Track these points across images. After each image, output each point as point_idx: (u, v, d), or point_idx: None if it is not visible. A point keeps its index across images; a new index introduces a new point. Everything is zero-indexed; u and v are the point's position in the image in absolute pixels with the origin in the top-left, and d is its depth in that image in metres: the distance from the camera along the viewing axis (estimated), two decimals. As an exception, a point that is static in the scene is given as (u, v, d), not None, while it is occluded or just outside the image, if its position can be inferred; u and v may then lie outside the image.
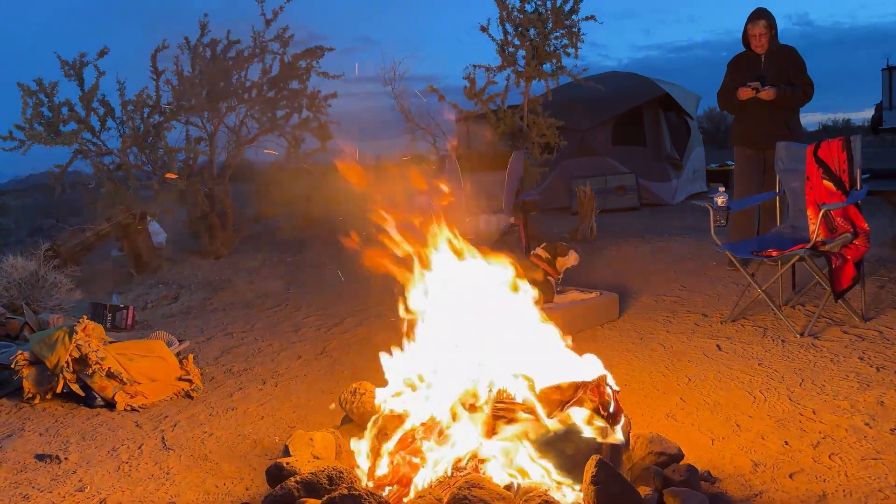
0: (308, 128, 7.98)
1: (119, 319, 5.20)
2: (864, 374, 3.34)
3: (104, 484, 2.77)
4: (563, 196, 9.76)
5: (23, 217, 12.38)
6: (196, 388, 3.80)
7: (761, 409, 3.06)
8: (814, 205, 4.29)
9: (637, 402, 3.22)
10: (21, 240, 9.32)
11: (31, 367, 3.68)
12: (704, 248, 6.32)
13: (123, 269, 7.35)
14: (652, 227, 8.01)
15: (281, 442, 2.94)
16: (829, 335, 3.94)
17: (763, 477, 2.47)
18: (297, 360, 4.28)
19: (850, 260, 3.98)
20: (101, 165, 7.33)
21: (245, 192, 9.72)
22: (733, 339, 4.02)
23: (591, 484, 1.96)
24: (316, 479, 2.13)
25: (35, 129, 6.70)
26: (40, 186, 12.48)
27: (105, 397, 3.60)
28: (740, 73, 5.31)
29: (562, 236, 7.43)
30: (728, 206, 4.43)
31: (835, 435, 2.74)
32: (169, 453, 3.04)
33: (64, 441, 3.22)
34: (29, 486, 2.78)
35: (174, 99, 7.41)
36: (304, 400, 3.61)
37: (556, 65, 7.40)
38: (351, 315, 5.13)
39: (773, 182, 4.74)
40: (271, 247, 8.03)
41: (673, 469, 2.30)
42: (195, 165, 7.73)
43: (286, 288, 6.26)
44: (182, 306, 5.95)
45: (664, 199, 10.17)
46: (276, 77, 7.73)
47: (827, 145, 4.31)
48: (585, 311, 4.49)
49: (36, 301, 5.25)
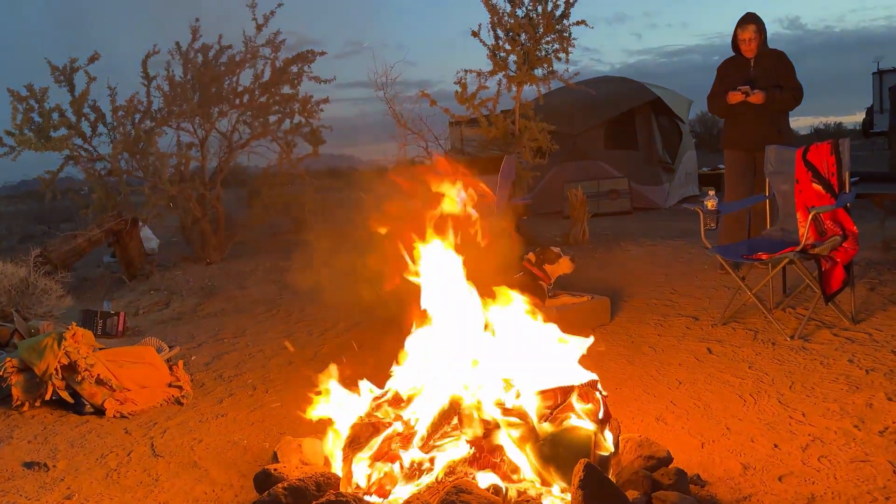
0: (300, 132, 7.98)
1: (110, 326, 5.18)
2: (854, 376, 3.35)
3: (92, 491, 2.75)
4: (556, 200, 9.77)
5: (14, 223, 12.34)
6: (186, 394, 3.79)
7: (751, 412, 3.06)
8: (803, 208, 4.31)
9: (627, 406, 3.22)
10: (12, 246, 9.27)
11: (20, 374, 3.66)
12: (696, 252, 6.34)
13: (115, 275, 7.32)
14: (644, 231, 8.03)
15: (271, 448, 2.93)
16: (820, 338, 3.95)
17: (752, 480, 2.48)
18: (288, 365, 4.27)
19: (840, 263, 4.00)
20: (92, 171, 7.32)
21: (237, 198, 9.71)
22: (724, 343, 4.03)
23: (579, 488, 1.96)
24: (303, 485, 2.13)
25: (25, 135, 6.69)
26: (32, 193, 12.45)
27: (94, 404, 3.58)
28: (730, 77, 5.33)
29: (554, 240, 7.44)
30: (718, 209, 4.44)
31: (824, 437, 2.75)
32: (158, 460, 3.03)
33: (52, 448, 3.20)
34: (17, 493, 2.76)
35: (165, 104, 7.40)
36: (294, 406, 3.59)
37: (547, 69, 7.42)
38: (343, 320, 5.12)
39: (763, 185, 4.76)
40: (263, 252, 8.00)
41: (662, 473, 2.30)
42: (187, 171, 7.72)
43: (278, 293, 6.24)
44: (173, 312, 5.93)
45: (656, 203, 10.20)
46: (267, 82, 7.73)
47: (816, 149, 4.33)
48: (576, 315, 4.49)
49: (26, 308, 5.22)
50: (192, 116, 7.52)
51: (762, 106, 5.15)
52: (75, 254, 6.97)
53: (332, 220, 7.65)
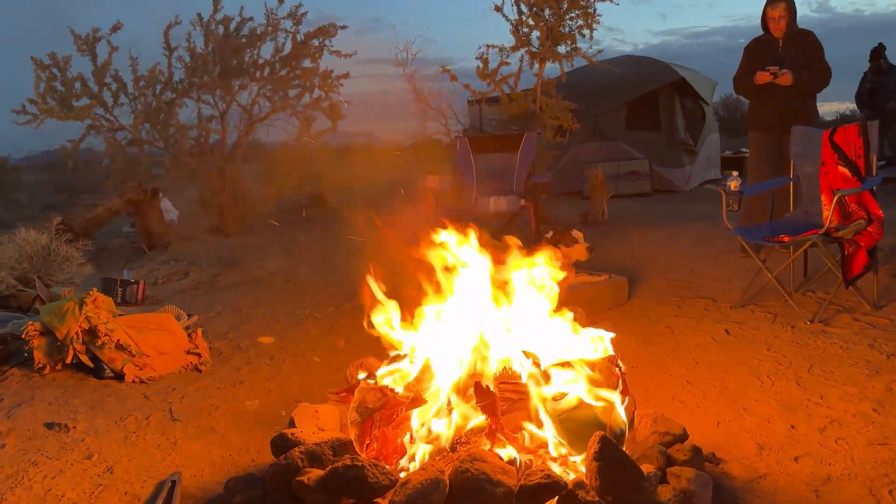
0: (320, 107, 7.97)
1: (129, 294, 5.23)
2: (874, 361, 3.31)
3: (111, 452, 2.79)
4: (576, 181, 9.69)
5: (36, 193, 12.47)
6: (204, 361, 3.82)
7: (768, 394, 3.04)
8: (828, 190, 4.24)
9: (643, 385, 3.21)
10: (34, 215, 9.38)
11: (42, 337, 3.71)
12: (716, 235, 6.28)
13: (134, 245, 7.39)
14: (664, 213, 7.96)
15: (287, 415, 2.95)
16: (840, 322, 3.91)
17: (768, 459, 2.46)
18: (305, 336, 4.30)
19: (864, 247, 3.94)
20: (113, 141, 7.36)
21: (256, 172, 9.75)
22: (742, 325, 3.99)
23: (594, 460, 1.96)
24: (320, 449, 2.14)
25: (48, 104, 6.74)
26: (54, 164, 12.57)
27: (114, 369, 3.63)
28: (758, 56, 5.23)
29: (572, 220, 7.40)
30: (741, 190, 4.38)
31: (842, 420, 2.73)
32: (176, 424, 3.07)
33: (72, 410, 3.25)
34: (38, 452, 2.81)
35: (186, 76, 7.41)
36: (311, 375, 3.62)
37: (570, 46, 7.33)
38: (360, 294, 5.12)
39: (787, 168, 4.68)
40: (282, 225, 8.04)
41: (677, 449, 2.29)
42: (207, 144, 7.75)
43: (295, 266, 6.27)
44: (192, 282, 5.98)
45: (677, 186, 10.10)
46: (288, 55, 7.71)
47: (843, 130, 4.25)
48: (593, 294, 4.47)
49: (48, 275, 5.29)
50: (213, 89, 7.54)
51: (790, 87, 5.06)
52: (96, 223, 7.05)
53: (349, 196, 7.66)
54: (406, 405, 2.23)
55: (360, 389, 2.29)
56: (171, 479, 2.48)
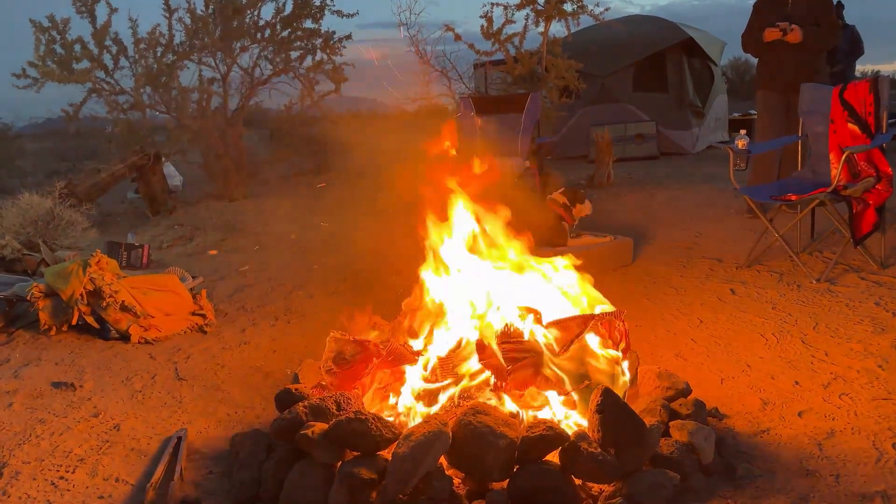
0: (322, 70, 7.87)
1: (134, 258, 5.23)
2: (880, 318, 3.29)
3: (118, 410, 2.82)
4: (581, 144, 9.58)
5: (39, 161, 12.44)
6: (209, 323, 3.84)
7: (773, 351, 3.03)
8: (837, 148, 4.17)
9: (646, 342, 3.21)
10: (38, 182, 9.37)
11: (47, 299, 3.72)
12: (723, 196, 6.22)
13: (138, 210, 7.39)
14: (670, 175, 7.89)
15: (292, 374, 2.97)
16: (846, 281, 3.88)
17: (771, 414, 2.47)
18: (309, 299, 4.31)
19: (872, 205, 3.90)
20: (115, 104, 7.30)
21: (259, 138, 9.68)
22: (748, 284, 3.97)
23: (597, 413, 1.96)
24: (324, 403, 2.15)
25: (48, 66, 6.67)
26: (57, 132, 12.51)
27: (119, 330, 3.65)
28: (767, 12, 5.13)
29: (578, 182, 7.34)
30: (748, 149, 4.33)
31: (846, 376, 2.72)
32: (182, 383, 3.09)
33: (79, 370, 3.27)
34: (45, 410, 2.84)
35: (187, 38, 7.32)
36: (315, 336, 3.62)
37: (576, 4, 7.19)
38: (364, 256, 5.12)
39: (796, 127, 4.61)
40: (285, 191, 8.01)
41: (680, 403, 2.29)
42: (208, 107, 7.68)
43: (299, 231, 6.26)
44: (197, 247, 5.98)
45: (685, 148, 9.97)
46: (289, 15, 7.59)
47: (853, 87, 4.17)
48: (599, 255, 4.45)
49: (52, 239, 5.29)
50: (214, 51, 7.45)
51: (798, 45, 4.97)
52: (99, 188, 7.02)
53: (352, 161, 7.61)
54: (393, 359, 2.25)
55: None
56: (178, 436, 2.50)
